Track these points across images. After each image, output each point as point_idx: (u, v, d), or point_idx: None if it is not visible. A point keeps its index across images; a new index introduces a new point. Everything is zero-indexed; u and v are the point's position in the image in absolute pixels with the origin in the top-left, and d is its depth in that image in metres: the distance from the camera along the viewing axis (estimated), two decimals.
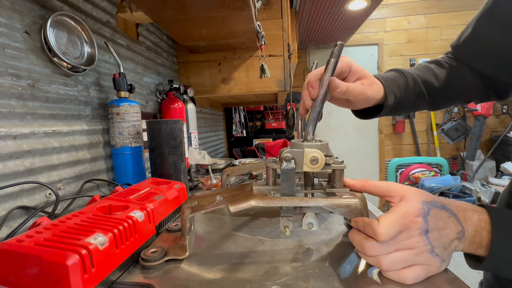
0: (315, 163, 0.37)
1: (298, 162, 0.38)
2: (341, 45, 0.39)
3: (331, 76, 0.40)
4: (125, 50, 0.85)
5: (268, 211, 0.61)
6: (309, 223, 0.39)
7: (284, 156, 0.37)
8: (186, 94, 1.09)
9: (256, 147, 1.80)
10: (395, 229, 0.31)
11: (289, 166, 0.37)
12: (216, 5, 0.74)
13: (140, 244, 0.41)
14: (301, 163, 0.38)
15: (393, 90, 0.51)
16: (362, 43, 3.65)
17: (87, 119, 0.68)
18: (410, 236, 0.31)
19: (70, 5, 0.64)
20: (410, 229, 0.31)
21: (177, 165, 0.72)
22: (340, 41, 0.39)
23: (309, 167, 0.37)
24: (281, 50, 1.22)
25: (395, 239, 0.32)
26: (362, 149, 3.75)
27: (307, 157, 0.37)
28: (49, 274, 0.28)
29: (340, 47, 0.39)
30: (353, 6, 2.13)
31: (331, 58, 0.39)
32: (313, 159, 0.37)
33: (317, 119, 0.41)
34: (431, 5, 3.56)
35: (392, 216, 0.32)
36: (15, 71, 0.51)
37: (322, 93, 0.40)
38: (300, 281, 0.34)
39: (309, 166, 0.37)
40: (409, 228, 0.31)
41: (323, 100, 0.41)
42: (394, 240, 0.32)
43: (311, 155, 0.37)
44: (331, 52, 0.39)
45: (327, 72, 0.40)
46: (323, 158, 0.37)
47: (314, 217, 0.39)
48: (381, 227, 0.31)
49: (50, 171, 0.57)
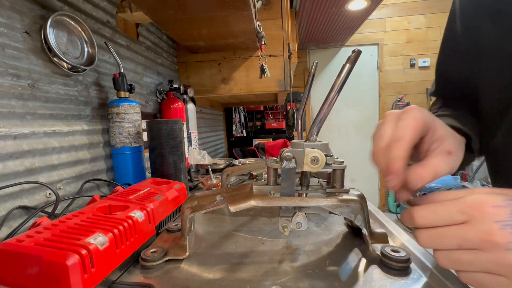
0: (315, 163, 0.37)
1: (298, 161, 0.38)
2: (359, 52, 0.36)
3: (344, 80, 0.39)
4: (125, 50, 0.85)
5: (269, 210, 0.61)
6: (298, 222, 0.39)
7: (284, 156, 0.38)
8: (186, 94, 1.09)
9: (256, 147, 1.80)
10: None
11: (290, 166, 0.37)
12: (216, 5, 0.74)
13: (140, 244, 0.41)
14: (301, 162, 0.38)
15: (474, 132, 0.40)
16: (362, 43, 3.65)
17: (87, 119, 0.68)
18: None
19: (70, 5, 0.64)
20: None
21: (177, 165, 0.72)
22: (358, 49, 0.36)
23: (309, 167, 0.38)
24: (281, 50, 1.22)
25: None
26: (362, 149, 3.74)
27: (307, 157, 0.37)
28: (49, 274, 0.28)
29: (357, 53, 0.36)
30: (353, 6, 2.13)
31: (346, 64, 0.37)
32: (314, 159, 0.37)
33: (323, 121, 0.41)
34: (431, 5, 3.56)
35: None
36: (15, 71, 0.51)
37: (332, 96, 0.40)
38: (300, 281, 0.34)
39: (310, 166, 0.37)
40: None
41: (331, 104, 0.40)
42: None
43: (311, 155, 0.37)
44: (348, 57, 0.37)
45: (341, 77, 0.39)
46: (323, 158, 0.37)
47: (304, 218, 0.39)
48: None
49: (50, 171, 0.57)
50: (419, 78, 3.67)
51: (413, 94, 3.67)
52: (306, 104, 0.83)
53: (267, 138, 2.32)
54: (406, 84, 3.68)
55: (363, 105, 3.75)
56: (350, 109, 3.77)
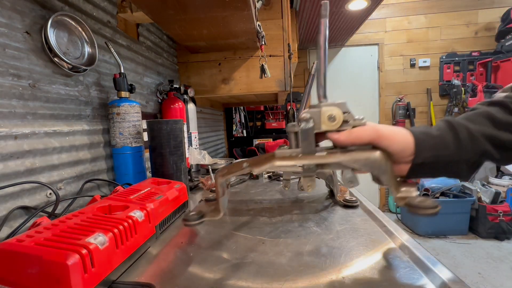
0: (332, 120, 0.38)
1: (316, 121, 0.38)
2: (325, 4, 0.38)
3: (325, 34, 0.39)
4: (125, 50, 0.85)
5: (269, 210, 0.61)
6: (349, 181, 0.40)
7: (302, 117, 0.38)
8: (187, 94, 1.09)
9: (256, 147, 1.80)
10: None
11: (308, 126, 0.38)
12: (216, 5, 0.75)
13: (140, 244, 0.41)
14: (319, 122, 0.38)
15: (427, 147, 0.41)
16: (362, 43, 3.65)
17: (87, 119, 0.68)
18: None
19: (70, 6, 0.64)
20: None
21: (178, 165, 0.72)
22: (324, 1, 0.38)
23: (327, 125, 0.38)
24: (281, 50, 1.22)
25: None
26: None
27: (324, 115, 0.38)
28: (50, 273, 0.28)
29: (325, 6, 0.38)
30: (353, 6, 2.13)
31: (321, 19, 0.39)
32: (331, 116, 0.37)
33: (325, 80, 0.40)
34: (431, 5, 3.55)
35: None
36: (16, 71, 0.51)
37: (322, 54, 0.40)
38: (300, 281, 0.34)
39: (327, 124, 0.38)
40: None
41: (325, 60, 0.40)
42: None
43: (328, 113, 0.37)
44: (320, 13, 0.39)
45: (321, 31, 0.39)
46: (340, 115, 0.38)
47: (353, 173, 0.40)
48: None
49: (51, 171, 0.57)
50: (419, 78, 3.66)
51: (413, 94, 3.67)
52: (307, 104, 0.83)
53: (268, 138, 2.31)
54: (406, 84, 3.68)
55: (363, 105, 3.75)
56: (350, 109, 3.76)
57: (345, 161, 0.38)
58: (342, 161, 0.38)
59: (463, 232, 2.60)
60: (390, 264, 0.37)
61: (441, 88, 3.63)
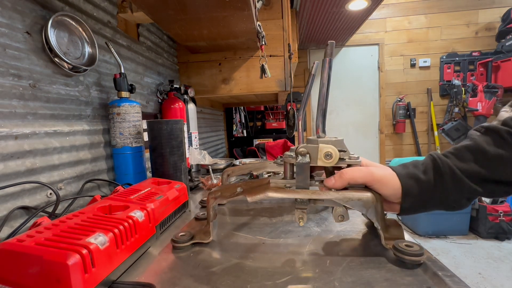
0: (329, 158, 0.39)
1: (312, 156, 0.39)
2: (332, 44, 0.40)
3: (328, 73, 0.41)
4: (125, 50, 0.85)
5: (269, 210, 0.61)
6: (340, 215, 0.41)
7: (299, 151, 0.39)
8: (187, 94, 1.09)
9: (256, 147, 1.80)
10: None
11: (304, 160, 0.39)
12: (216, 5, 0.75)
13: (140, 244, 0.41)
14: (315, 157, 0.39)
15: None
16: (362, 43, 3.65)
17: (88, 119, 0.68)
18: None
19: (71, 6, 0.64)
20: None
21: (178, 165, 0.72)
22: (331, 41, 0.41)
23: (323, 162, 0.39)
24: (281, 50, 1.22)
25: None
26: (362, 149, 3.74)
27: (321, 152, 0.39)
28: (50, 273, 0.28)
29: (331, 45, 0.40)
30: (353, 6, 2.13)
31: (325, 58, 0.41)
32: (327, 154, 0.39)
33: (325, 115, 0.42)
34: (432, 5, 3.55)
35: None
36: (16, 71, 0.51)
37: (324, 91, 0.41)
38: (300, 281, 0.34)
39: (323, 161, 0.39)
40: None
41: (326, 97, 0.42)
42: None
43: (325, 150, 0.39)
44: (325, 51, 0.41)
45: (325, 70, 0.41)
46: (337, 153, 0.39)
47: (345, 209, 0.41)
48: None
49: (51, 171, 0.57)
50: (420, 78, 3.66)
51: (413, 94, 3.67)
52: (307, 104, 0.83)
53: (268, 138, 2.32)
54: (406, 84, 3.68)
55: (363, 105, 3.75)
56: (350, 109, 3.77)
57: (338, 199, 0.39)
58: (335, 198, 0.39)
59: (463, 232, 2.60)
60: (390, 264, 0.37)
61: (442, 88, 3.63)
